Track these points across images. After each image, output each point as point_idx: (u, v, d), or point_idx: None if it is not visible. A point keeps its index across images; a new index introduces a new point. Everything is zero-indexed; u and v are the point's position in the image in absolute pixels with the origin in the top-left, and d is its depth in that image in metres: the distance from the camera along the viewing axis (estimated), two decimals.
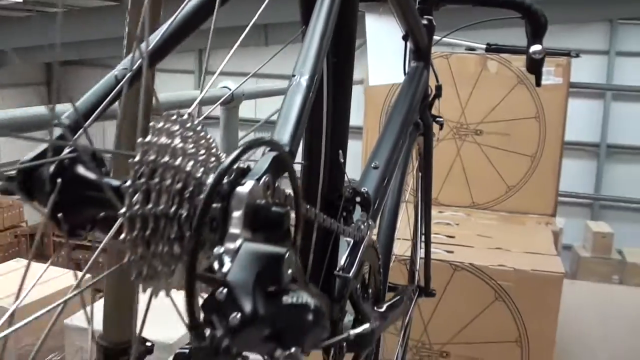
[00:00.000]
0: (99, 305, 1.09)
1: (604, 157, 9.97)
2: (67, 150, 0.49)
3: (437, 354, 2.07)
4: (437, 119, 1.40)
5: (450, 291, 2.01)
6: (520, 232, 2.41)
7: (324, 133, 0.78)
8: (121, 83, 0.53)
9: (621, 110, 9.84)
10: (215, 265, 0.41)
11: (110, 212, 0.46)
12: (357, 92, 2.74)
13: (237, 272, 0.41)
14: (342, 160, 0.81)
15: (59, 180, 0.48)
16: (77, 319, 4.56)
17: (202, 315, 0.42)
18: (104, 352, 1.05)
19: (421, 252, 1.57)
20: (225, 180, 0.43)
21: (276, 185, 0.47)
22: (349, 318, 0.83)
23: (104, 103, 0.54)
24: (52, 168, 0.48)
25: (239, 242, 0.42)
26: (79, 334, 4.55)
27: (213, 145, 0.48)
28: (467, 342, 2.03)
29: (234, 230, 0.42)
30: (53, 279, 4.65)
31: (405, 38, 1.28)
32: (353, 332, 0.49)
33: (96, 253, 0.47)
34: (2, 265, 6.36)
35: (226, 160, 0.42)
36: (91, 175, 0.49)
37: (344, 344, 0.78)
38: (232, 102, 2.11)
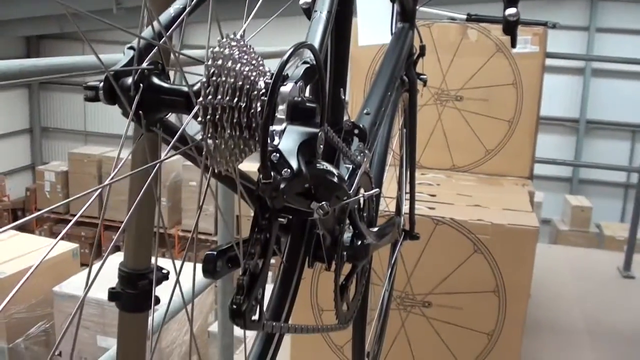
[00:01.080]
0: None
1: (583, 133, 10.17)
2: (146, 62, 0.63)
3: (420, 304, 2.22)
4: (421, 76, 1.53)
5: (432, 245, 2.15)
6: (498, 192, 2.55)
7: (327, 72, 0.91)
8: (189, 8, 0.67)
9: (600, 86, 10.03)
10: (269, 140, 0.56)
11: (178, 111, 0.61)
12: None
13: (285, 142, 0.56)
14: (343, 97, 0.94)
15: (140, 85, 0.62)
16: (66, 287, 4.66)
17: None
18: (125, 277, 1.17)
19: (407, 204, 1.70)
20: (272, 82, 0.58)
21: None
22: (347, 235, 0.97)
23: (174, 26, 0.68)
24: (135, 76, 0.63)
25: (284, 124, 0.57)
26: (67, 300, 4.66)
27: (259, 58, 0.63)
28: (448, 292, 2.17)
29: (279, 116, 0.57)
30: (40, 249, 4.75)
31: (392, 0, 1.41)
32: (367, 193, 0.62)
33: (178, 133, 0.61)
34: None
35: (283, 58, 0.57)
36: (164, 82, 0.63)
37: (344, 253, 0.91)
38: None
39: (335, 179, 0.62)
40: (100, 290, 1.13)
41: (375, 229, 1.09)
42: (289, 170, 0.57)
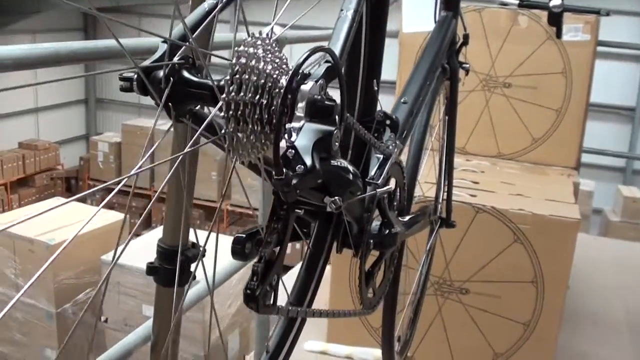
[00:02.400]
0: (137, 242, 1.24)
1: (638, 122, 9.92)
2: (177, 57, 0.66)
3: (457, 291, 2.22)
4: (463, 65, 1.53)
5: (471, 232, 2.15)
6: (542, 181, 2.53)
7: (361, 64, 0.92)
8: (216, 10, 0.70)
9: None
10: (286, 136, 0.58)
11: (206, 104, 0.64)
12: (392, 45, 2.85)
13: (301, 140, 0.58)
14: (376, 88, 0.96)
15: (171, 79, 0.65)
16: (110, 256, 4.76)
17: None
18: (163, 253, 1.20)
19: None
20: (294, 80, 0.60)
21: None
22: (376, 223, 0.98)
23: (204, 23, 0.71)
24: (166, 70, 0.66)
25: (302, 122, 0.59)
26: (115, 269, 4.77)
27: (283, 57, 0.65)
28: (486, 280, 2.17)
29: (299, 114, 0.59)
30: (88, 218, 4.86)
31: None
32: (380, 191, 0.65)
33: (202, 127, 0.63)
34: (41, 204, 6.57)
35: (298, 60, 0.59)
36: (194, 76, 0.66)
37: (371, 241, 0.93)
38: None
39: (349, 175, 0.64)
40: (146, 260, 1.18)
41: (406, 218, 1.10)
42: (302, 166, 0.60)
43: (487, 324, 2.18)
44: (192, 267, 1.16)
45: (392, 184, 1.04)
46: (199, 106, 0.70)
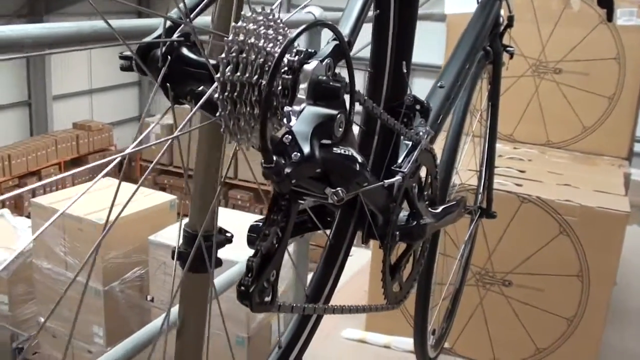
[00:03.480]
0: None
1: None
2: (176, 35, 0.62)
3: (500, 282, 2.16)
4: (508, 48, 1.46)
5: (516, 222, 2.08)
6: (591, 171, 2.43)
7: (389, 44, 0.87)
8: None
9: None
10: (285, 120, 0.53)
11: (206, 85, 0.59)
12: (440, 29, 2.78)
13: (299, 124, 0.53)
14: (405, 71, 0.90)
15: (168, 57, 0.61)
16: (160, 236, 4.82)
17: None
18: (189, 238, 1.18)
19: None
20: (295, 59, 0.55)
21: (335, 69, 0.58)
22: (404, 214, 0.93)
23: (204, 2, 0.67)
24: (163, 48, 0.62)
25: (303, 105, 0.54)
26: (161, 249, 4.82)
27: (288, 33, 0.60)
28: (530, 272, 2.10)
29: (300, 96, 0.54)
30: (138, 199, 4.90)
31: None
32: (388, 181, 0.59)
33: (197, 106, 0.59)
34: (92, 183, 6.72)
35: (291, 35, 0.54)
36: (193, 55, 0.62)
37: (397, 232, 0.88)
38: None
39: (354, 165, 0.58)
40: None
41: (439, 209, 1.05)
42: (299, 154, 0.54)
43: (530, 318, 2.12)
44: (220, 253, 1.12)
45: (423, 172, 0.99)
46: (201, 87, 0.64)
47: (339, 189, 0.56)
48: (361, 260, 2.64)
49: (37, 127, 11.12)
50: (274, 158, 0.54)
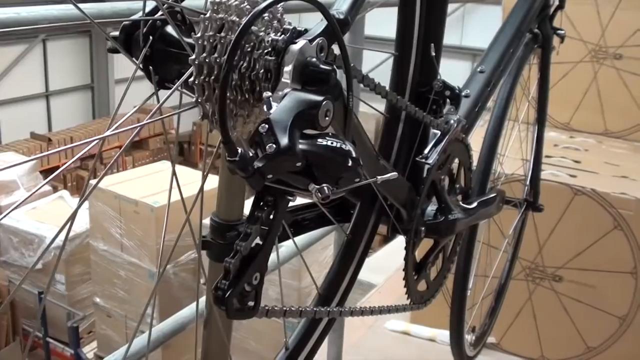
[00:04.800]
0: None
1: None
2: (159, 14, 0.57)
3: (550, 277, 2.07)
4: (558, 31, 1.37)
5: (568, 216, 1.99)
6: None
7: (416, 25, 0.80)
8: None
9: None
10: (264, 107, 0.47)
11: (186, 66, 0.54)
12: (498, 11, 2.67)
13: (279, 112, 0.47)
14: (434, 54, 0.83)
15: (150, 37, 0.56)
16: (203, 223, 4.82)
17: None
18: (215, 227, 1.14)
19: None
20: (280, 38, 0.49)
21: (331, 49, 0.52)
22: (432, 208, 0.87)
23: None
24: (145, 28, 0.57)
25: (287, 90, 0.48)
26: None
27: (276, 10, 0.53)
28: (581, 268, 2.01)
29: (284, 80, 0.48)
30: (195, 182, 4.92)
31: None
32: (381, 178, 0.52)
33: (173, 90, 0.54)
34: (149, 166, 6.78)
35: (261, 4, 0.48)
36: (176, 34, 0.57)
37: (422, 228, 0.82)
38: None
39: (342, 159, 0.50)
40: None
41: (474, 203, 0.98)
42: (274, 145, 0.48)
43: (581, 315, 2.03)
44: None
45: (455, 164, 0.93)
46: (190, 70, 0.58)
47: (324, 185, 0.49)
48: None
49: (99, 110, 11.34)
50: (239, 150, 0.48)
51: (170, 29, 0.57)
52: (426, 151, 0.83)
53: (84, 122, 10.74)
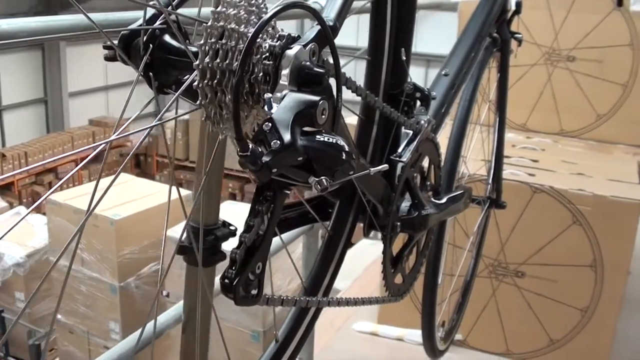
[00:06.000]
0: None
1: None
2: (158, 23, 0.60)
3: (513, 274, 2.13)
4: (516, 34, 1.43)
5: (528, 213, 2.05)
6: (605, 160, 2.40)
7: (387, 31, 0.85)
8: None
9: None
10: (265, 107, 0.51)
11: (190, 74, 0.58)
12: (452, 18, 2.74)
13: (280, 111, 0.51)
14: (404, 58, 0.88)
15: (150, 45, 0.59)
16: (177, 231, 4.80)
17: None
18: (192, 232, 1.16)
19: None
20: (277, 44, 0.53)
21: (321, 55, 0.56)
22: (406, 204, 0.91)
23: None
24: (145, 37, 0.60)
25: (285, 91, 0.52)
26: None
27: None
28: (543, 263, 2.08)
29: (282, 82, 0.52)
30: (155, 193, 4.90)
31: None
32: (374, 169, 0.57)
33: (177, 93, 0.57)
34: (107, 179, 6.71)
35: (266, 16, 0.52)
36: (175, 42, 0.60)
37: (398, 223, 0.86)
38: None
39: (338, 153, 0.55)
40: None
41: (443, 199, 1.03)
42: (278, 142, 0.52)
43: (543, 309, 2.09)
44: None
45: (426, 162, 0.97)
46: (186, 76, 0.62)
47: (322, 177, 0.54)
48: (376, 251, 2.62)
49: (53, 124, 11.19)
50: (250, 146, 0.52)
51: (168, 38, 0.61)
52: (400, 150, 0.87)
53: (38, 136, 10.58)
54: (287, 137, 0.52)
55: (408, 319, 2.27)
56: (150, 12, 0.62)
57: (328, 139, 0.54)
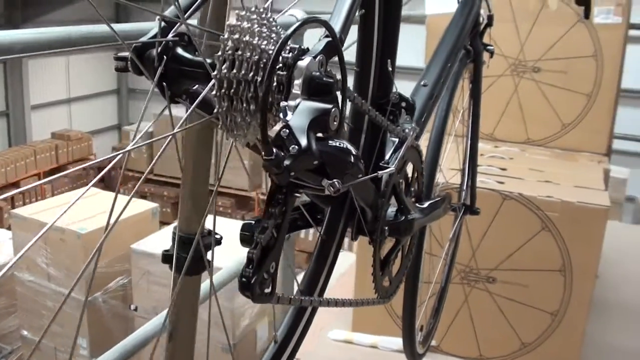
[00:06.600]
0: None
1: None
2: (171, 34, 0.63)
3: (484, 279, 2.18)
4: (488, 47, 1.48)
5: (499, 220, 2.11)
6: (571, 168, 2.47)
7: (374, 43, 0.89)
8: None
9: None
10: (281, 115, 0.55)
11: (201, 84, 0.61)
12: (419, 31, 2.79)
13: (296, 118, 0.55)
14: (390, 69, 0.92)
15: (164, 57, 0.62)
16: (144, 244, 4.79)
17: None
18: (179, 240, 1.18)
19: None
20: (289, 56, 0.57)
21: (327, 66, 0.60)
22: (392, 209, 0.95)
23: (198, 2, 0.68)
24: (159, 48, 0.63)
25: (298, 100, 0.56)
26: (145, 258, 4.80)
27: (281, 32, 0.62)
28: (513, 268, 2.13)
29: (295, 91, 0.56)
30: (122, 207, 4.86)
31: None
32: (382, 172, 0.61)
33: (194, 104, 0.60)
34: (72, 193, 6.61)
35: (288, 32, 0.56)
36: (188, 54, 0.64)
37: (386, 228, 0.90)
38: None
39: (349, 157, 0.60)
40: None
41: (425, 204, 1.07)
42: (296, 147, 0.56)
43: (514, 314, 2.14)
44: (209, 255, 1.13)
45: (410, 169, 1.01)
46: (196, 86, 0.66)
47: (335, 180, 0.58)
48: (344, 262, 2.65)
49: (15, 137, 11.05)
50: (274, 150, 0.55)
51: (180, 49, 0.64)
52: (387, 157, 0.91)
53: (0, 150, 10.45)
54: (304, 141, 0.56)
55: (382, 327, 2.31)
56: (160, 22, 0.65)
57: (339, 144, 0.58)
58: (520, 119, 2.71)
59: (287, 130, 0.56)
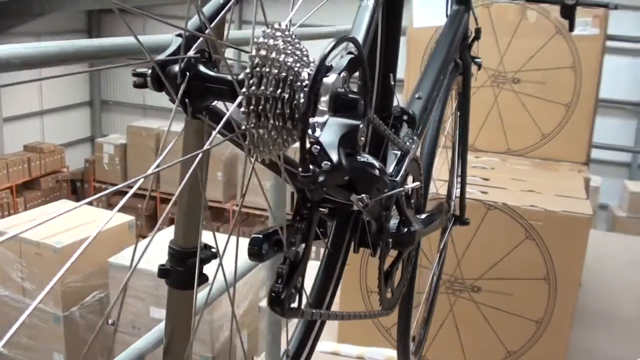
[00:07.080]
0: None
1: None
2: (193, 50, 0.64)
3: (469, 289, 2.20)
4: (476, 59, 1.50)
5: (483, 229, 2.13)
6: (552, 177, 2.50)
7: (377, 58, 0.90)
8: (231, 2, 0.68)
9: None
10: (310, 132, 0.56)
11: (224, 100, 0.61)
12: (401, 43, 2.81)
13: (326, 135, 0.56)
14: (392, 83, 0.93)
15: (187, 74, 0.63)
16: (121, 258, 4.75)
17: None
18: (174, 255, 1.18)
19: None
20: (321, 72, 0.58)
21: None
22: (394, 221, 0.96)
23: (220, 14, 0.69)
24: (182, 64, 0.64)
25: (326, 116, 0.57)
26: (123, 271, 4.75)
27: (304, 49, 0.63)
28: (498, 277, 2.15)
29: (323, 108, 0.57)
30: (96, 220, 4.83)
31: None
32: (408, 186, 0.62)
33: (221, 123, 0.61)
34: (48, 206, 6.54)
35: (323, 52, 0.57)
36: (210, 70, 0.64)
37: (389, 240, 0.91)
38: None
39: (376, 172, 0.61)
40: (155, 262, 1.16)
41: (424, 216, 1.08)
42: (329, 163, 0.57)
43: (499, 322, 2.16)
44: (204, 269, 1.13)
45: (410, 181, 1.02)
46: (214, 102, 0.67)
47: (363, 195, 0.59)
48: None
49: None
50: (311, 167, 0.56)
51: (202, 66, 0.64)
52: (390, 170, 0.92)
53: None
54: (335, 157, 0.57)
55: (368, 338, 2.31)
56: (178, 40, 0.65)
57: (367, 159, 0.59)
58: (500, 129, 2.75)
59: (318, 147, 0.57)
